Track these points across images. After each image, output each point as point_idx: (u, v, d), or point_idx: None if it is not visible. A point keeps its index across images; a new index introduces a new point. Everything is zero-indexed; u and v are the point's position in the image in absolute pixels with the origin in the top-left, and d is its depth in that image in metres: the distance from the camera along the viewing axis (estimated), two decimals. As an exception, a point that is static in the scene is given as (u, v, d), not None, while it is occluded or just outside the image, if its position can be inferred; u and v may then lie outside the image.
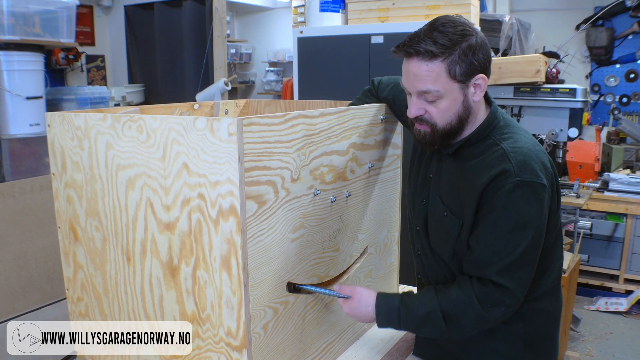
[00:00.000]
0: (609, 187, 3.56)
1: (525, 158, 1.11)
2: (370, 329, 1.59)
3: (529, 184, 1.09)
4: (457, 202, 1.19)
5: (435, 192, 1.26)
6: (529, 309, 1.22)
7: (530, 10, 4.47)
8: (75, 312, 1.39)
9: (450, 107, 1.14)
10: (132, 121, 1.12)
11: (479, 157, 1.16)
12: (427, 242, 1.29)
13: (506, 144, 1.14)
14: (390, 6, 2.46)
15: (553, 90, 2.92)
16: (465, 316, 1.14)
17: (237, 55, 5.42)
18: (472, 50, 1.10)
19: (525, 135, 1.18)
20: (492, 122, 1.19)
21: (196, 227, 1.08)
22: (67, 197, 1.31)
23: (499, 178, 1.10)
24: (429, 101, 1.14)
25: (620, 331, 3.15)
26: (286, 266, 1.17)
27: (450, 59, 1.10)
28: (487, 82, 1.15)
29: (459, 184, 1.19)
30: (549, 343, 1.28)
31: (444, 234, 1.22)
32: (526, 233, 1.10)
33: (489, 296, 1.12)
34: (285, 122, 1.11)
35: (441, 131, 1.16)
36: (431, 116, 1.16)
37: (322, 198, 1.27)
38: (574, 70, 4.30)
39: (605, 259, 3.61)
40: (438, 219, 1.24)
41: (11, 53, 2.99)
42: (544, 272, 1.22)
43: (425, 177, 1.30)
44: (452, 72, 1.10)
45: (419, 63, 1.11)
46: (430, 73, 1.10)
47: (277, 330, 1.17)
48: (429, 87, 1.11)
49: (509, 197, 1.09)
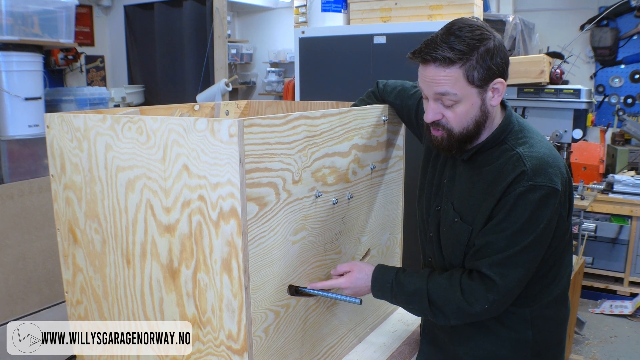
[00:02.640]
0: (613, 188, 3.54)
1: (540, 162, 1.10)
2: (372, 332, 1.58)
3: (541, 188, 1.08)
4: (470, 208, 1.18)
5: (448, 199, 1.25)
6: (538, 316, 1.21)
7: (534, 10, 4.45)
8: (74, 315, 1.38)
9: (468, 112, 1.13)
10: (132, 122, 1.11)
11: (494, 163, 1.16)
12: (439, 248, 1.28)
13: (522, 149, 1.13)
14: (392, 6, 2.45)
15: (557, 91, 2.90)
16: (448, 304, 1.15)
17: (238, 55, 5.41)
18: (490, 55, 1.09)
19: (541, 140, 1.17)
20: (507, 127, 1.18)
21: (197, 230, 1.07)
22: (66, 199, 1.30)
23: (514, 182, 1.10)
24: (446, 105, 1.13)
25: (625, 334, 3.13)
26: (287, 269, 1.17)
27: (468, 65, 1.09)
28: (505, 86, 1.14)
29: (472, 191, 1.19)
30: (556, 349, 1.28)
31: (454, 241, 1.21)
32: (528, 235, 1.09)
33: (472, 289, 1.12)
34: (286, 123, 1.10)
35: (457, 136, 1.15)
36: (448, 121, 1.15)
37: (324, 200, 1.26)
38: (578, 71, 4.27)
39: (609, 262, 3.59)
40: (449, 226, 1.23)
41: (10, 53, 2.97)
42: (554, 279, 1.22)
43: (439, 183, 1.30)
44: (470, 78, 1.09)
45: (437, 69, 1.10)
46: (448, 79, 1.10)
47: (278, 334, 1.16)
48: (447, 89, 1.10)
49: (519, 200, 1.09)
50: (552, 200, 1.09)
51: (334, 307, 1.38)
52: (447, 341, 1.32)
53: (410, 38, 2.30)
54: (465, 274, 1.15)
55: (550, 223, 1.11)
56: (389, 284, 1.21)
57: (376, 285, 1.23)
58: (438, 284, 1.17)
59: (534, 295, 1.20)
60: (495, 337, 1.22)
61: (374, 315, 1.60)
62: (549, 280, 1.20)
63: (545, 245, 1.13)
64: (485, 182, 1.16)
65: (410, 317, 1.67)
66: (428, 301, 1.16)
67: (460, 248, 1.20)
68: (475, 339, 1.25)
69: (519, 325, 1.20)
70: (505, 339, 1.22)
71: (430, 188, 1.32)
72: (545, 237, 1.12)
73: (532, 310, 1.20)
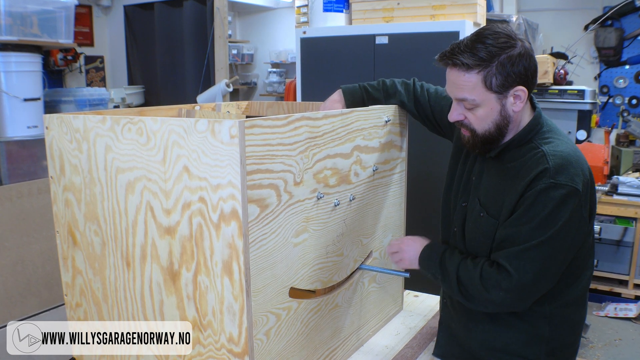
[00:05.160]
0: (618, 190, 3.51)
1: (563, 162, 1.13)
2: (375, 335, 1.57)
3: (562, 186, 1.11)
4: (495, 203, 1.22)
5: (475, 194, 1.29)
6: (557, 314, 1.24)
7: (538, 10, 4.43)
8: (73, 318, 1.37)
9: (488, 116, 1.18)
10: (132, 123, 1.11)
11: (520, 160, 1.19)
12: (463, 243, 1.31)
13: (547, 147, 1.17)
14: (395, 6, 2.43)
15: (561, 92, 2.89)
16: (471, 286, 1.20)
17: (239, 56, 5.40)
18: (511, 62, 1.13)
19: (567, 141, 1.21)
20: (535, 127, 1.21)
21: (197, 232, 1.06)
22: (65, 200, 1.29)
23: (536, 179, 1.13)
24: (467, 108, 1.19)
25: (629, 337, 3.10)
26: (289, 271, 1.16)
27: (486, 71, 1.13)
28: (526, 94, 1.17)
29: (498, 186, 1.22)
30: (569, 350, 1.29)
31: (480, 236, 1.24)
32: (545, 231, 1.12)
33: (490, 276, 1.17)
34: (288, 124, 1.09)
35: (480, 137, 1.20)
36: (470, 122, 1.20)
37: (326, 202, 1.25)
38: (582, 72, 4.25)
39: (614, 264, 3.56)
40: (474, 220, 1.26)
41: (8, 54, 2.96)
42: (575, 280, 1.24)
43: (468, 179, 1.33)
44: (489, 84, 1.14)
45: (457, 73, 1.16)
46: (467, 83, 1.15)
47: (279, 337, 1.15)
48: (465, 95, 1.16)
49: (539, 196, 1.12)
50: (572, 200, 1.12)
51: (336, 310, 1.37)
52: (463, 334, 1.33)
53: (412, 38, 2.29)
54: (487, 262, 1.21)
55: (569, 222, 1.12)
56: (436, 261, 1.27)
57: (424, 257, 1.30)
58: (466, 265, 1.23)
59: (554, 294, 1.22)
60: (511, 330, 1.24)
61: (376, 318, 1.59)
62: (570, 282, 1.23)
63: (564, 244, 1.15)
64: (510, 177, 1.19)
65: (412, 320, 1.66)
66: (457, 281, 1.22)
67: (487, 242, 1.23)
68: (491, 331, 1.27)
69: (536, 320, 1.23)
70: (521, 332, 1.24)
71: (459, 185, 1.35)
72: (564, 236, 1.13)
73: (551, 308, 1.23)
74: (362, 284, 1.49)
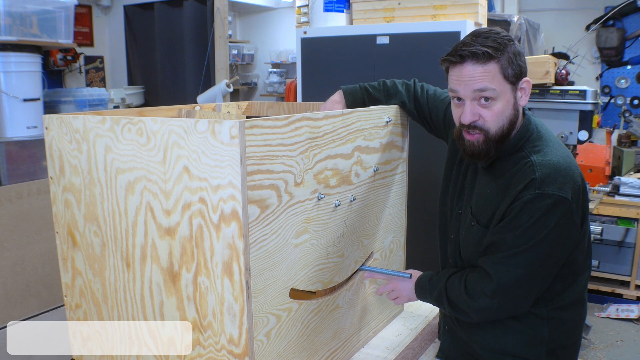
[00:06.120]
0: (619, 191, 3.50)
1: (551, 171, 1.13)
2: (375, 336, 1.56)
3: (549, 196, 1.11)
4: (485, 213, 1.22)
5: (467, 203, 1.29)
6: (555, 316, 1.24)
7: (539, 10, 4.43)
8: (73, 318, 1.37)
9: (504, 110, 1.16)
10: (132, 124, 1.10)
11: (510, 170, 1.19)
12: (459, 250, 1.32)
13: (535, 157, 1.16)
14: (395, 6, 2.43)
15: (562, 92, 2.88)
16: (460, 301, 1.22)
17: (239, 56, 5.40)
18: (516, 54, 1.14)
19: (557, 148, 1.19)
20: (525, 134, 1.20)
21: (197, 232, 1.06)
22: (65, 201, 1.28)
23: (523, 190, 1.13)
24: (483, 105, 1.15)
25: (631, 339, 3.09)
26: (289, 272, 1.16)
27: (503, 60, 1.13)
28: (530, 86, 1.18)
29: (489, 196, 1.22)
30: (570, 351, 1.29)
31: (473, 244, 1.25)
32: (530, 239, 1.12)
33: (474, 285, 1.19)
34: (288, 124, 1.09)
35: (494, 136, 1.17)
36: (485, 122, 1.16)
37: (326, 202, 1.25)
38: (584, 72, 4.24)
39: (616, 265, 3.55)
40: (467, 229, 1.27)
41: (8, 54, 2.95)
42: (572, 282, 1.24)
43: (462, 187, 1.33)
44: (506, 73, 1.13)
45: (474, 66, 1.13)
46: (486, 74, 1.12)
47: (280, 338, 1.15)
48: (486, 84, 1.13)
49: (525, 207, 1.12)
50: (560, 209, 1.11)
51: (337, 311, 1.36)
52: (464, 336, 1.34)
53: (413, 38, 2.28)
54: (470, 272, 1.22)
55: (556, 229, 1.12)
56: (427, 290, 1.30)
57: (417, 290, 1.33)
58: (452, 282, 1.24)
59: (551, 296, 1.22)
60: (511, 333, 1.25)
61: (377, 319, 1.58)
62: (568, 283, 1.23)
63: (552, 250, 1.15)
64: (500, 188, 1.19)
65: (413, 321, 1.66)
66: (447, 299, 1.24)
67: (478, 251, 1.23)
68: (492, 334, 1.27)
69: (535, 322, 1.23)
70: (521, 334, 1.24)
71: (454, 191, 1.35)
72: (551, 243, 1.13)
73: (549, 310, 1.23)
74: (363, 285, 1.48)
